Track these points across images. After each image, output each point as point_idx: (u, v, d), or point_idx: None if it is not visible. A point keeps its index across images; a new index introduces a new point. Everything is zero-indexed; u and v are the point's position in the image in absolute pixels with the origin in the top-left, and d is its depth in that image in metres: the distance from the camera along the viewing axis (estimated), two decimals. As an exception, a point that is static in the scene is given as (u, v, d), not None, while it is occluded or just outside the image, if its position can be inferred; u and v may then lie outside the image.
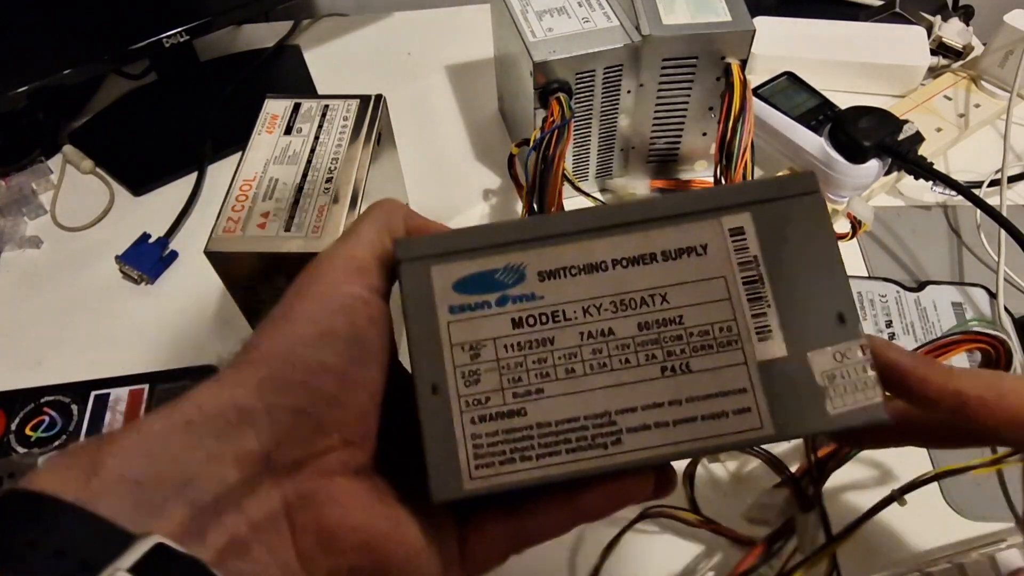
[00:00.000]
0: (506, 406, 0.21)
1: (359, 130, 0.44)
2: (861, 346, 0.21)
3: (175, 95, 0.71)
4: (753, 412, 0.21)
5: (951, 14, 0.71)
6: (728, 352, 0.21)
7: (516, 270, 0.21)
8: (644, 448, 0.20)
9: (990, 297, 0.51)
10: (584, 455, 0.20)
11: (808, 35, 0.67)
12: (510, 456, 0.20)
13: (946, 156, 0.63)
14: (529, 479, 0.20)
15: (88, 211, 0.62)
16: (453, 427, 0.21)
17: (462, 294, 0.21)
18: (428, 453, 0.21)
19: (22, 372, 0.51)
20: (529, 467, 0.20)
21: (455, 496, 0.21)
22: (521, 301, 0.21)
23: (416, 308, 0.22)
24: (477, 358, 0.21)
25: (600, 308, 0.21)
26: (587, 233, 0.22)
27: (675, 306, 0.21)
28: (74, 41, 0.61)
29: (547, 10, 0.52)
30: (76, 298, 0.56)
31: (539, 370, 0.21)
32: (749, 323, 0.21)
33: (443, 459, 0.21)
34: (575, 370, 0.21)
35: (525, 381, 0.21)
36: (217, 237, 0.39)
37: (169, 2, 0.64)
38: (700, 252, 0.22)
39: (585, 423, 0.21)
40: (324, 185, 0.41)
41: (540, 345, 0.21)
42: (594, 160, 0.58)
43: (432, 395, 0.21)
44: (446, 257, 0.22)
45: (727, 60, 0.51)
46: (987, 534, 0.42)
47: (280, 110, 0.46)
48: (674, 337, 0.21)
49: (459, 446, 0.21)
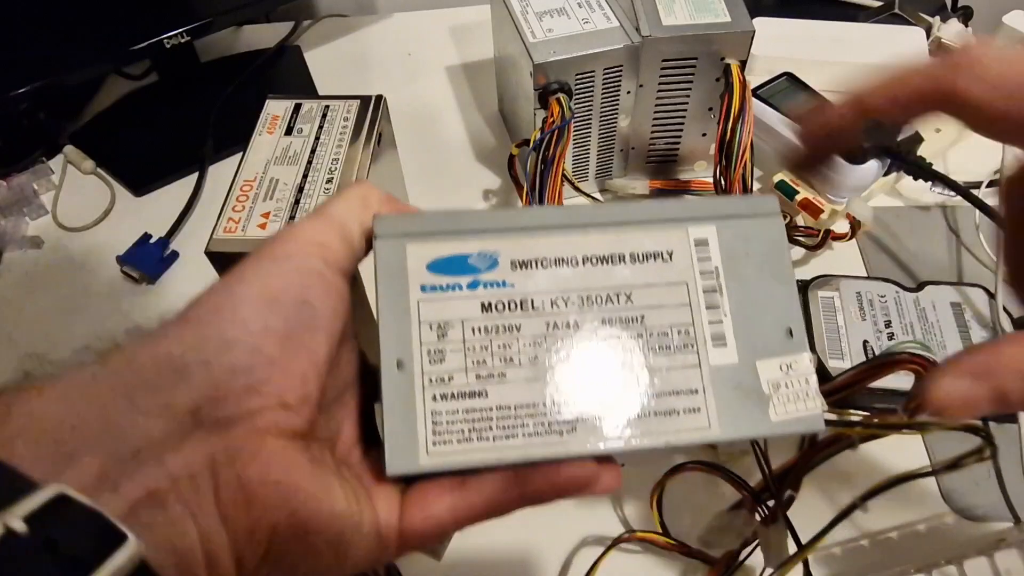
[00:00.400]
0: (468, 387, 0.21)
1: (359, 131, 0.44)
2: (808, 359, 0.22)
3: (176, 96, 0.71)
4: (703, 413, 0.21)
5: (950, 15, 0.71)
6: (684, 355, 0.22)
7: (490, 256, 0.22)
8: (595, 443, 0.21)
9: (989, 297, 0.51)
10: (540, 440, 0.21)
11: (807, 36, 0.67)
12: (468, 436, 0.21)
13: (945, 157, 0.63)
14: (484, 460, 0.21)
15: (89, 211, 0.62)
16: (414, 403, 0.21)
17: (435, 274, 0.22)
18: (386, 426, 0.21)
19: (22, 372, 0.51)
20: (486, 448, 0.21)
21: (410, 470, 0.21)
22: (492, 287, 0.22)
23: (388, 283, 0.22)
24: (444, 338, 0.21)
25: (567, 301, 0.22)
26: (562, 229, 0.23)
27: (638, 310, 0.22)
28: (75, 42, 0.61)
29: (547, 11, 0.52)
30: (77, 298, 0.56)
31: (503, 355, 0.21)
32: (706, 329, 0.22)
33: (401, 433, 0.21)
34: (538, 358, 0.21)
35: (489, 364, 0.21)
36: (218, 237, 0.39)
37: (170, 3, 0.64)
38: (666, 258, 0.23)
39: (544, 410, 0.21)
40: (325, 185, 0.41)
41: (507, 331, 0.22)
42: (594, 160, 0.58)
43: (396, 370, 0.21)
44: (423, 237, 0.22)
45: (727, 61, 0.51)
46: (987, 534, 0.42)
47: (281, 111, 0.46)
48: (635, 336, 0.22)
49: (418, 422, 0.21)
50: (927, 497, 0.44)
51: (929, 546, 0.42)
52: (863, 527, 0.42)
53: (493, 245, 0.22)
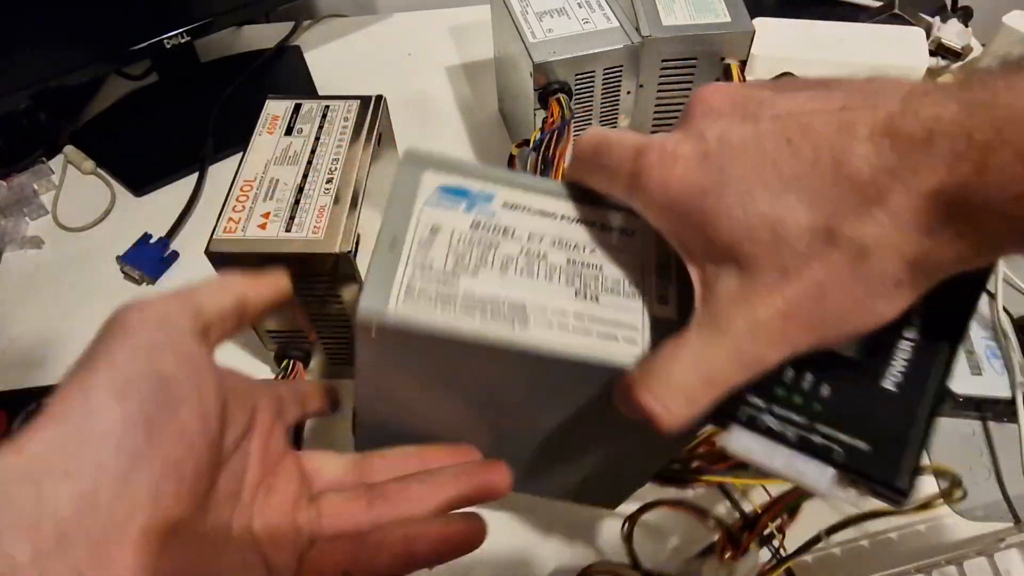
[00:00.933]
0: (444, 273, 0.24)
1: (359, 131, 0.44)
2: None
3: (176, 96, 0.71)
4: (638, 346, 0.24)
5: (950, 15, 0.71)
6: (632, 300, 0.25)
7: (488, 195, 0.26)
8: (544, 338, 0.24)
9: (989, 298, 0.51)
10: (494, 325, 0.24)
11: (807, 36, 0.67)
12: (434, 302, 0.24)
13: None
14: (443, 326, 0.23)
15: (89, 211, 0.62)
16: (395, 272, 0.24)
17: (441, 196, 0.26)
18: (367, 284, 0.24)
19: (23, 372, 0.51)
20: (447, 317, 0.24)
21: (379, 319, 0.23)
22: (484, 214, 0.26)
23: (401, 190, 0.26)
24: (435, 236, 0.25)
25: (542, 239, 0.26)
26: (553, 195, 0.27)
27: (599, 260, 0.26)
28: (75, 42, 0.61)
29: (547, 11, 0.52)
30: (77, 298, 0.56)
31: (480, 259, 0.25)
32: (653, 289, 0.26)
33: (378, 290, 0.24)
34: (508, 269, 0.25)
35: (465, 262, 0.25)
36: (218, 237, 0.39)
37: (170, 3, 0.64)
38: (630, 234, 0.27)
39: (503, 302, 0.24)
40: (325, 186, 0.41)
41: (487, 246, 0.25)
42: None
43: (388, 248, 0.24)
44: (439, 168, 0.26)
45: (726, 61, 0.51)
46: (987, 534, 0.42)
47: (281, 111, 0.46)
48: (593, 277, 0.26)
49: (395, 284, 0.24)
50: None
51: (929, 546, 0.42)
52: (863, 527, 0.42)
53: (493, 188, 0.26)
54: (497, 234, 0.26)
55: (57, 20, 0.59)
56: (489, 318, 0.24)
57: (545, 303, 0.25)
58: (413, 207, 0.25)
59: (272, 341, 0.45)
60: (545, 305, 0.24)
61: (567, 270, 0.25)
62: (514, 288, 0.25)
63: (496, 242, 0.25)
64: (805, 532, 0.37)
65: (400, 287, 0.24)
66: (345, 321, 0.43)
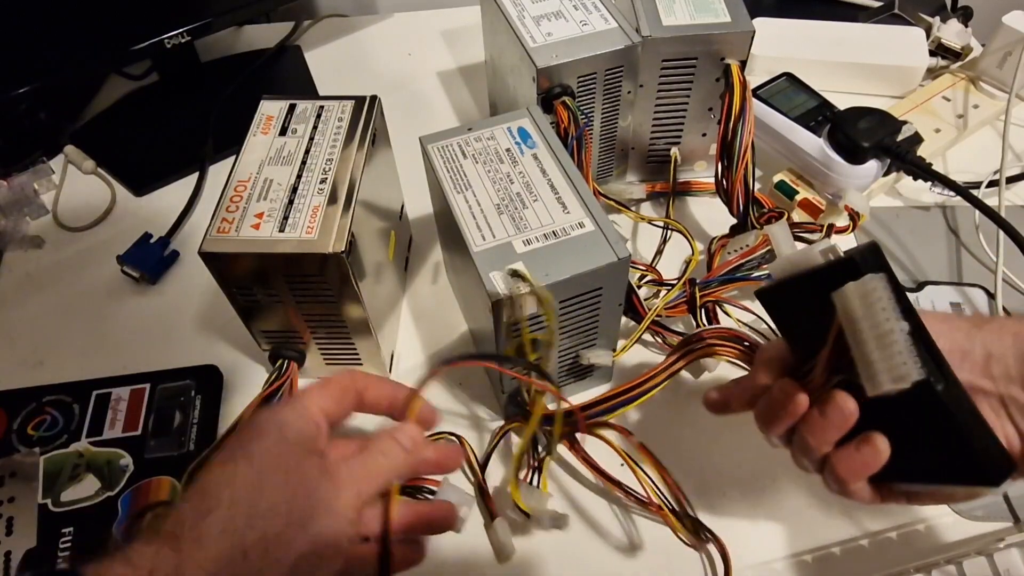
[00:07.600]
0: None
1: (354, 131, 0.44)
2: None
3: (176, 96, 0.71)
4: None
5: (950, 15, 0.71)
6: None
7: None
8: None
9: (988, 297, 0.51)
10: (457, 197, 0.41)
11: (807, 36, 0.67)
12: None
13: (945, 157, 0.63)
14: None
15: (90, 211, 0.62)
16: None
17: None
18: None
19: (24, 371, 0.51)
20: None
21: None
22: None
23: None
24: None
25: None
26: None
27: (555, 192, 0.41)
28: (76, 42, 0.61)
29: (543, 15, 0.52)
30: (78, 298, 0.56)
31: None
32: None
33: None
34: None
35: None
36: (211, 238, 0.39)
37: (170, 3, 0.64)
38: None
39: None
40: (319, 186, 0.41)
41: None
42: (595, 162, 0.58)
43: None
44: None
45: (727, 61, 0.51)
46: (986, 533, 0.42)
47: (275, 111, 0.46)
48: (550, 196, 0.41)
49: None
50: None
51: (929, 546, 0.41)
52: (863, 527, 0.42)
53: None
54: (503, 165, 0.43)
55: (57, 20, 0.59)
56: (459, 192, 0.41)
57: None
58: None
59: (267, 341, 0.45)
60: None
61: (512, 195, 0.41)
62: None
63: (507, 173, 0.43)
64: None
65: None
66: (339, 321, 0.43)
